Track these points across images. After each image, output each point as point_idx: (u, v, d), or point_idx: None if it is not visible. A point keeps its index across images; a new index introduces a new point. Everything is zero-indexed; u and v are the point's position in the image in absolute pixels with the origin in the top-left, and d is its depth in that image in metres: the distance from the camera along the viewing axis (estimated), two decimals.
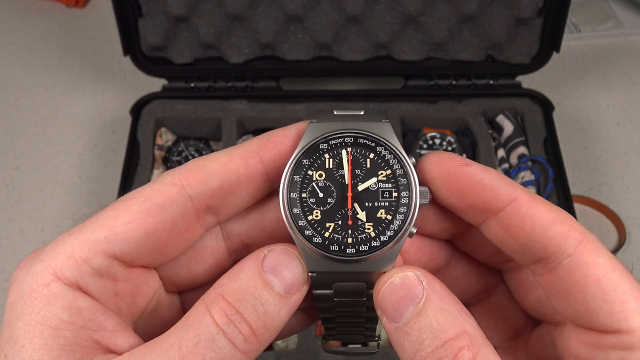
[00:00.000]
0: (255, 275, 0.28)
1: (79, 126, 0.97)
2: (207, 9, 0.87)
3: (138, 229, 0.28)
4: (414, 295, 0.27)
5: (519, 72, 0.92)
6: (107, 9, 1.05)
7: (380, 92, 0.93)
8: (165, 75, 0.92)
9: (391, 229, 0.30)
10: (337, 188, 0.30)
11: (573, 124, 0.96)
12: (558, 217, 0.28)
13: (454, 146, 0.88)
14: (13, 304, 0.27)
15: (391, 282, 0.28)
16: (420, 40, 0.90)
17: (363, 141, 0.31)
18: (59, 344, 0.26)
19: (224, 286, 0.28)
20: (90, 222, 0.28)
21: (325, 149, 0.31)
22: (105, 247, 0.28)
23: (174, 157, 0.88)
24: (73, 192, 0.91)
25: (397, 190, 0.30)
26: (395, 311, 0.27)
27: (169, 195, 0.29)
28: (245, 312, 0.27)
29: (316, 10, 0.87)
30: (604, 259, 0.28)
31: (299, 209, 0.30)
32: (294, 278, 0.29)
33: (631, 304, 0.27)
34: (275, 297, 0.28)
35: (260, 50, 0.90)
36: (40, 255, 0.28)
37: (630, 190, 0.90)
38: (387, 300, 0.28)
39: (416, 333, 0.26)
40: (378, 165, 0.31)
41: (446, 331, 0.26)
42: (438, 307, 0.27)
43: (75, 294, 0.27)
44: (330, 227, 0.30)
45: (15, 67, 1.04)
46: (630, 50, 1.05)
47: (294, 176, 0.30)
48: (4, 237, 0.86)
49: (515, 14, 0.86)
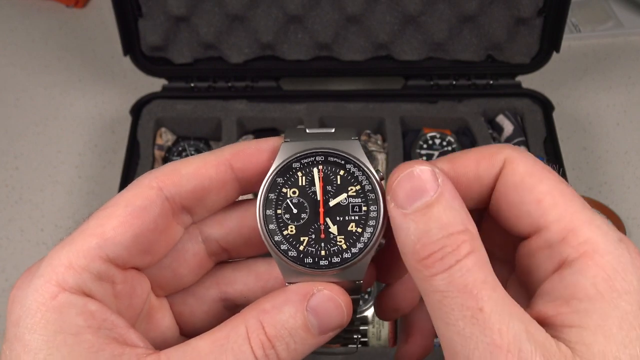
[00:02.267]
0: (297, 314, 0.29)
1: (79, 126, 0.97)
2: (207, 9, 0.87)
3: (126, 232, 0.30)
4: (428, 188, 0.28)
5: (519, 72, 0.92)
6: (107, 9, 1.05)
7: (380, 92, 0.93)
8: (165, 75, 0.92)
9: (361, 241, 0.32)
10: (310, 204, 0.32)
11: (573, 124, 0.96)
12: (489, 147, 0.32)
13: (454, 146, 0.88)
14: (18, 319, 0.28)
15: (410, 172, 0.29)
16: (420, 40, 0.90)
17: (333, 159, 0.33)
18: (85, 348, 0.27)
19: (265, 314, 0.29)
20: (78, 233, 0.30)
21: (298, 168, 0.33)
22: (99, 252, 0.29)
23: (174, 157, 0.88)
24: (73, 192, 0.91)
25: (367, 204, 0.32)
26: (406, 198, 0.29)
27: (148, 197, 0.31)
28: (279, 349, 0.29)
29: (316, 10, 0.87)
30: (524, 166, 0.30)
31: (275, 224, 0.32)
32: (332, 324, 0.30)
33: (547, 201, 0.29)
34: (309, 338, 0.30)
35: (260, 50, 0.90)
36: (37, 272, 0.29)
37: (630, 190, 0.90)
38: (402, 187, 0.29)
39: (424, 221, 0.28)
40: (348, 182, 0.32)
41: (452, 226, 0.28)
42: (448, 204, 0.28)
43: (83, 299, 0.28)
44: (305, 240, 0.32)
45: (15, 67, 1.04)
46: (630, 50, 1.05)
47: (269, 194, 0.32)
48: (4, 237, 0.86)
49: (515, 14, 0.86)
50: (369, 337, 0.74)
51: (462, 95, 0.91)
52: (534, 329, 0.26)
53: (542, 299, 0.29)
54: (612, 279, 0.27)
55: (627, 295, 0.27)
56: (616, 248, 0.28)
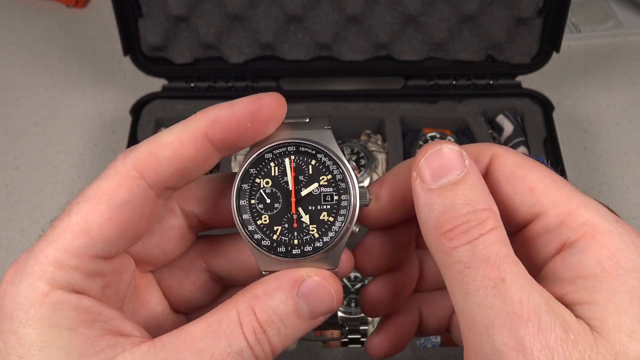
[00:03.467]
0: (288, 299, 0.30)
1: (79, 126, 0.97)
2: (207, 9, 0.87)
3: (112, 229, 0.30)
4: (456, 167, 0.29)
5: (519, 72, 0.92)
6: (107, 9, 1.05)
7: (380, 92, 0.93)
8: (165, 75, 0.92)
9: (333, 230, 0.32)
10: (283, 194, 0.33)
11: (573, 124, 0.96)
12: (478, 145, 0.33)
13: None
14: (12, 313, 0.28)
15: (438, 149, 0.30)
16: (420, 40, 0.90)
17: (304, 149, 0.33)
18: (80, 341, 0.28)
19: (256, 300, 0.30)
20: (62, 229, 0.29)
21: (270, 158, 0.33)
22: (88, 251, 0.29)
23: None
24: (73, 192, 0.90)
25: (338, 193, 0.33)
26: (432, 174, 0.29)
27: (130, 189, 0.30)
28: (270, 334, 0.29)
29: (316, 10, 0.87)
30: (512, 159, 0.31)
31: (249, 214, 0.33)
32: (323, 309, 0.31)
33: (540, 188, 0.30)
34: (299, 322, 0.30)
35: (260, 50, 0.90)
36: (25, 268, 0.29)
37: (630, 190, 0.90)
38: (430, 163, 0.30)
39: (451, 196, 0.29)
40: (319, 171, 0.33)
41: (477, 203, 0.28)
42: (474, 183, 0.29)
43: (76, 296, 0.29)
44: (278, 230, 0.33)
45: (15, 67, 1.04)
46: (630, 50, 1.05)
47: (243, 185, 0.33)
48: (4, 237, 0.86)
49: (515, 14, 0.86)
50: (368, 337, 0.74)
51: (462, 95, 0.91)
52: (554, 303, 0.27)
53: (547, 282, 0.29)
54: (616, 257, 0.27)
55: (632, 272, 0.27)
56: (616, 228, 0.28)
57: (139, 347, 0.28)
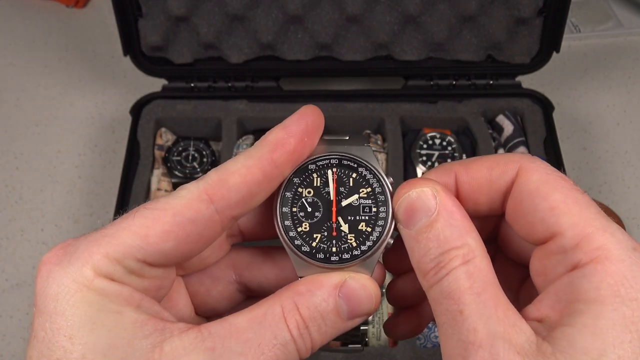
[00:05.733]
0: (330, 298, 0.32)
1: (79, 126, 0.97)
2: (207, 9, 0.87)
3: (169, 241, 0.30)
4: (427, 208, 0.31)
5: (519, 72, 0.92)
6: (107, 9, 1.05)
7: (380, 92, 0.93)
8: (165, 75, 0.92)
9: (370, 240, 0.34)
10: (324, 203, 0.35)
11: (573, 124, 0.96)
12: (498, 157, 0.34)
13: (453, 146, 0.88)
14: (57, 295, 0.29)
15: (408, 195, 0.32)
16: (420, 40, 0.90)
17: (347, 162, 0.35)
18: (129, 323, 0.29)
19: (300, 296, 0.31)
20: (121, 227, 0.30)
21: (313, 169, 0.35)
22: (138, 253, 0.30)
23: (174, 157, 0.88)
24: (73, 192, 0.91)
25: (376, 205, 0.34)
26: (409, 220, 0.31)
27: (198, 211, 0.31)
28: (312, 330, 0.31)
29: (316, 10, 0.87)
30: (539, 175, 0.31)
31: (290, 221, 0.34)
32: (361, 310, 0.32)
33: (561, 208, 0.30)
34: (338, 321, 0.32)
35: (260, 50, 0.90)
36: (74, 253, 0.30)
37: (630, 190, 0.90)
38: (403, 210, 0.32)
39: (425, 241, 0.30)
40: (359, 184, 0.35)
41: (449, 242, 0.30)
42: (446, 222, 0.30)
43: (119, 285, 0.30)
44: (317, 237, 0.34)
45: (15, 67, 1.04)
46: (630, 50, 1.05)
47: (286, 192, 0.35)
48: (4, 237, 0.86)
49: (515, 14, 0.86)
50: (369, 337, 0.74)
51: (462, 95, 0.91)
52: (516, 330, 0.28)
53: (548, 298, 0.30)
54: (618, 285, 0.27)
55: (631, 302, 0.27)
56: (629, 256, 0.28)
57: (186, 333, 0.29)
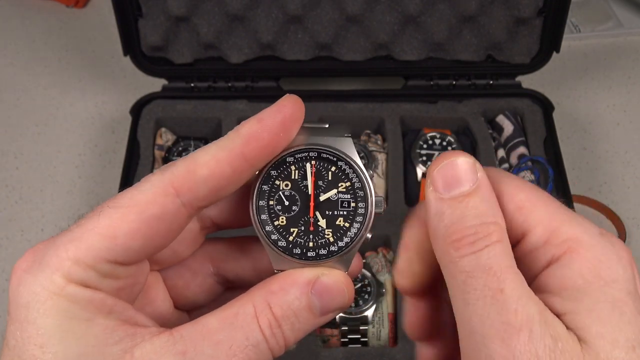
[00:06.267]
0: (302, 295, 0.31)
1: (79, 126, 0.97)
2: (207, 9, 0.87)
3: (137, 240, 0.30)
4: (468, 179, 0.30)
5: (519, 72, 0.92)
6: (107, 9, 1.05)
7: (380, 92, 0.93)
8: (165, 75, 0.92)
9: (348, 236, 0.33)
10: (301, 197, 0.34)
11: (573, 124, 0.96)
12: None
13: (454, 146, 0.88)
14: (28, 303, 0.28)
15: (452, 161, 0.31)
16: (420, 40, 0.90)
17: (326, 156, 0.34)
18: (99, 330, 0.29)
19: (272, 295, 0.31)
20: (87, 229, 0.30)
21: (291, 162, 0.34)
22: (107, 255, 0.29)
23: (174, 157, 0.88)
24: (73, 192, 0.91)
25: (355, 200, 0.34)
26: (445, 185, 0.30)
27: (164, 205, 0.30)
28: (285, 328, 0.31)
29: (316, 10, 0.87)
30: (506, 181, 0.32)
31: (267, 215, 0.34)
32: (334, 307, 0.32)
33: (527, 207, 0.30)
34: (311, 318, 0.31)
35: (260, 50, 0.90)
36: (42, 259, 0.29)
37: (630, 190, 0.90)
38: (443, 174, 0.31)
39: (461, 207, 0.30)
40: (338, 178, 0.34)
41: (486, 216, 0.29)
42: (485, 196, 0.30)
43: (91, 291, 0.29)
44: (294, 232, 0.33)
45: (15, 67, 1.04)
46: (630, 50, 1.05)
47: (263, 186, 0.34)
48: (4, 237, 0.86)
49: (515, 14, 0.86)
50: (369, 337, 0.74)
51: (462, 95, 0.91)
52: (548, 313, 0.28)
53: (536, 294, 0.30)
54: (597, 268, 0.28)
55: (614, 283, 0.28)
56: (598, 241, 0.29)
57: (158, 337, 0.29)
